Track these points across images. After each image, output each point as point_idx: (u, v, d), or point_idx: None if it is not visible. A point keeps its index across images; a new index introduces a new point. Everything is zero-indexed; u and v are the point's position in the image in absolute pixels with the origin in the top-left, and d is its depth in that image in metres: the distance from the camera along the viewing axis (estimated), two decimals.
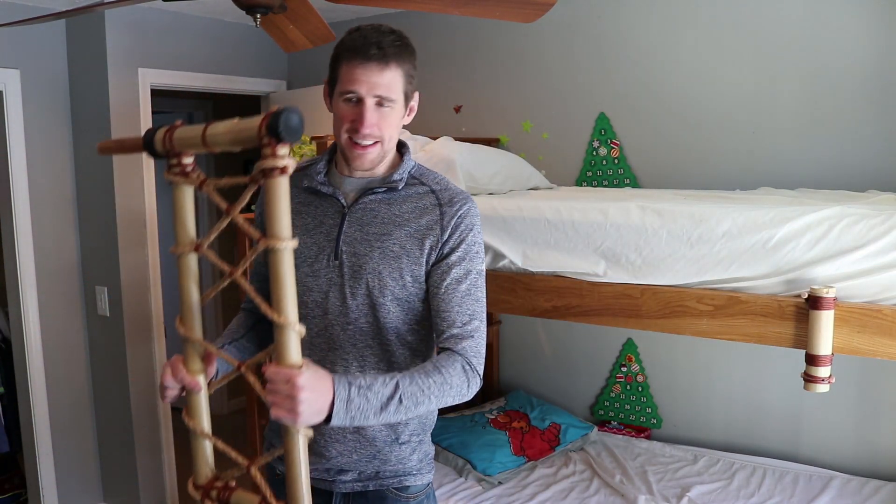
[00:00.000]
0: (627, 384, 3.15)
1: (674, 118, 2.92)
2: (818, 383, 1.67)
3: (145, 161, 3.27)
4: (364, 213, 1.36)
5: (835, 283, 1.69)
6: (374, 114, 1.30)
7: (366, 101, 1.29)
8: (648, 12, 2.93)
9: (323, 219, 1.38)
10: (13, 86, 3.00)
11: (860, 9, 2.54)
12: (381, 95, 1.29)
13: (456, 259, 1.33)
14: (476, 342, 1.30)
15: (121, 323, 3.23)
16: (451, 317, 1.30)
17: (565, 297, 2.03)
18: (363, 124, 1.29)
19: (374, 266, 1.33)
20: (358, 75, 1.27)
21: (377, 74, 1.27)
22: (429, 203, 1.36)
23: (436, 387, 1.20)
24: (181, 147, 0.98)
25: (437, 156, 2.45)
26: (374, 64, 1.27)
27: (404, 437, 1.41)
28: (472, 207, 1.37)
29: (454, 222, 1.34)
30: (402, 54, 1.30)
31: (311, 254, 1.37)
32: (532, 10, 2.04)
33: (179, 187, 1.06)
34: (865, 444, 2.66)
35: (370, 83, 1.28)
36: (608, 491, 2.56)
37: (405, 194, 1.37)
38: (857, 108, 2.57)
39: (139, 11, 3.12)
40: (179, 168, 1.03)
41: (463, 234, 1.34)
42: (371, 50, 1.27)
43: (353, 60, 1.28)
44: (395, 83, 1.30)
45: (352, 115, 1.30)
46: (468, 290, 1.32)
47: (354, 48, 1.28)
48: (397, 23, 3.59)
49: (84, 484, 3.41)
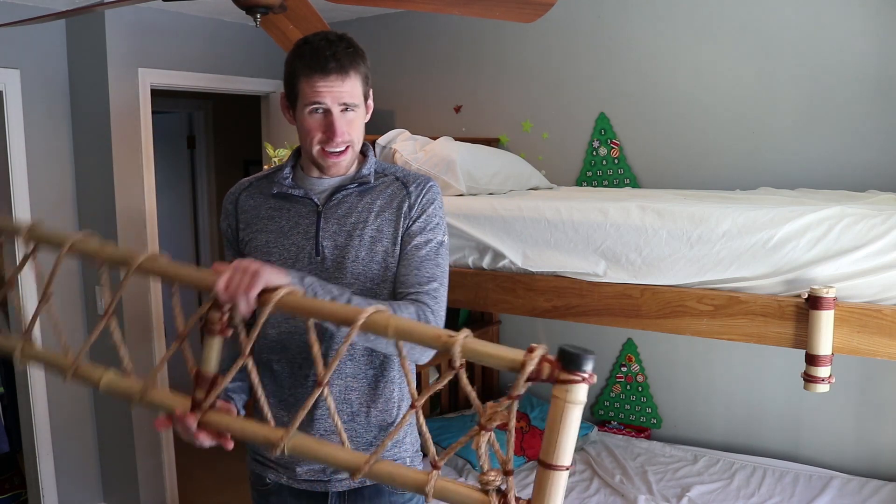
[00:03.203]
0: (627, 384, 3.15)
1: (674, 118, 2.92)
2: (818, 383, 1.67)
3: (145, 161, 3.27)
4: (340, 208, 1.41)
5: (835, 283, 1.69)
6: (342, 121, 1.35)
7: (333, 111, 1.33)
8: (649, 12, 2.93)
9: (298, 220, 1.42)
10: (13, 86, 3.00)
11: (860, 9, 2.54)
12: (346, 103, 1.34)
13: (417, 229, 1.39)
14: (433, 300, 1.33)
15: (121, 322, 3.23)
16: (410, 279, 1.35)
17: (565, 297, 2.03)
18: (336, 133, 1.34)
19: (356, 253, 1.37)
20: (321, 88, 1.32)
21: (339, 84, 1.32)
22: (396, 188, 1.43)
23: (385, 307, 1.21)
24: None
25: (437, 156, 2.45)
26: (334, 76, 1.32)
27: (398, 421, 1.41)
28: (434, 186, 1.45)
29: (420, 200, 1.40)
30: (356, 60, 1.35)
31: (291, 255, 1.40)
32: (532, 10, 2.04)
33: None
34: (865, 444, 2.66)
35: (333, 94, 1.32)
36: (608, 491, 2.57)
37: (374, 185, 1.43)
38: (856, 108, 2.57)
39: (139, 11, 3.11)
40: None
41: (424, 207, 1.40)
42: (329, 63, 1.31)
43: (313, 76, 1.32)
44: (356, 89, 1.35)
45: (321, 126, 1.35)
46: (427, 254, 1.38)
47: (311, 65, 1.32)
48: (397, 24, 3.61)
49: (84, 484, 3.41)
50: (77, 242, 1.12)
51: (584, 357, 0.77)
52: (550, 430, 0.80)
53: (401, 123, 3.50)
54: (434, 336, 0.88)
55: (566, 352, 0.78)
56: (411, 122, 3.48)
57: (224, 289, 1.03)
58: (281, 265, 1.37)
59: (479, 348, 0.85)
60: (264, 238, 1.43)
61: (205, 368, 1.06)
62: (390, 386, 1.42)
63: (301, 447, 0.97)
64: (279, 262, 1.39)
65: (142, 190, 3.26)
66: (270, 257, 1.40)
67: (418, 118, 3.55)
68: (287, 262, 1.39)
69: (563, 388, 0.79)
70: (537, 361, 0.80)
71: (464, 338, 0.85)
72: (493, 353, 0.84)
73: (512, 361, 0.81)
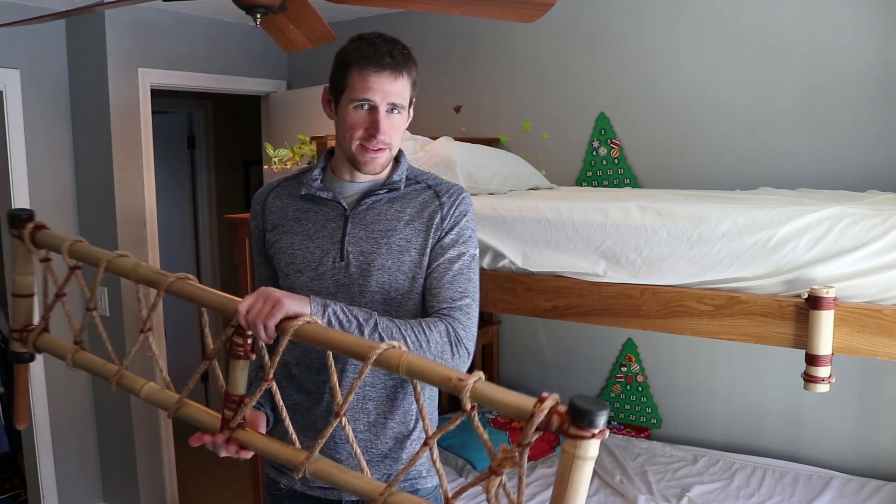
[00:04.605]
0: (627, 384, 3.15)
1: (674, 118, 2.92)
2: (818, 383, 1.67)
3: (145, 161, 3.28)
4: (368, 214, 1.38)
5: (835, 283, 1.69)
6: (386, 121, 1.33)
7: (380, 109, 1.32)
8: (648, 12, 2.93)
9: (325, 223, 1.40)
10: (13, 86, 3.00)
11: (860, 9, 2.54)
12: (395, 103, 1.33)
13: (449, 241, 1.36)
14: (466, 316, 1.32)
15: (121, 323, 3.23)
16: (443, 293, 1.33)
17: (565, 297, 2.03)
18: (379, 131, 1.32)
19: (382, 262, 1.35)
20: (372, 83, 1.30)
21: (391, 83, 1.31)
22: (427, 197, 1.40)
23: (412, 332, 1.23)
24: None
25: (437, 156, 2.45)
26: (388, 72, 1.30)
27: (415, 435, 1.40)
28: (467, 197, 1.42)
29: (453, 211, 1.38)
30: (409, 63, 1.34)
31: (315, 258, 1.38)
32: (532, 10, 2.04)
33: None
34: (865, 444, 2.66)
35: (384, 91, 1.31)
36: (608, 491, 2.56)
37: (405, 193, 1.41)
38: (857, 108, 2.57)
39: (139, 11, 3.12)
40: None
41: (457, 219, 1.38)
42: (385, 59, 1.30)
43: (367, 69, 1.30)
44: (405, 91, 1.34)
45: (365, 122, 1.33)
46: (460, 269, 1.35)
47: (367, 57, 1.30)
48: (397, 23, 3.61)
49: (84, 484, 3.41)
50: (112, 261, 1.20)
51: (596, 413, 0.74)
52: (560, 484, 0.76)
53: None
54: (444, 378, 0.88)
55: (577, 406, 0.75)
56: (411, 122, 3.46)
57: (245, 315, 1.06)
58: (305, 268, 1.38)
59: (490, 394, 0.84)
60: (290, 240, 1.41)
61: (232, 390, 1.12)
62: (409, 398, 1.39)
63: (321, 472, 1.01)
64: (303, 264, 1.38)
65: (142, 190, 3.26)
66: (295, 259, 1.39)
67: (418, 118, 3.53)
68: (311, 265, 1.38)
69: (573, 442, 0.75)
70: (546, 413, 0.78)
71: (474, 382, 0.84)
72: (502, 400, 0.83)
73: (521, 410, 0.80)
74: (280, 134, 3.66)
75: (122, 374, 1.23)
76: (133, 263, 1.19)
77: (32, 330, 1.36)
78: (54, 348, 1.34)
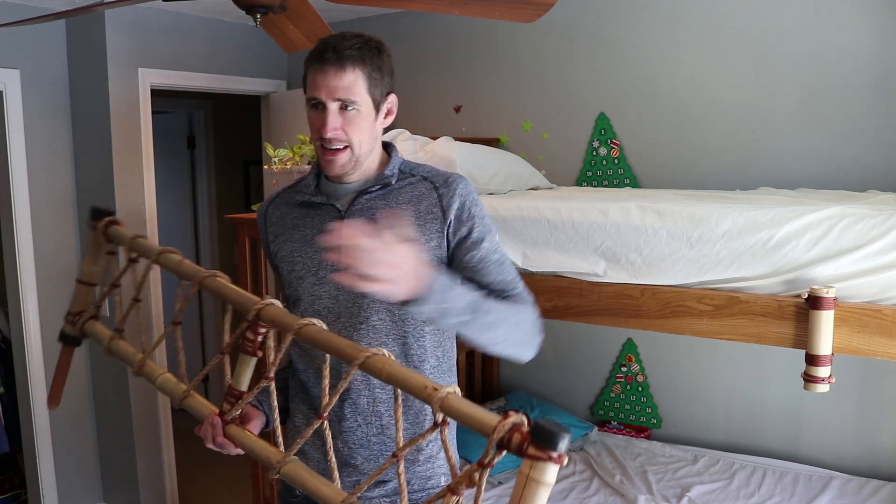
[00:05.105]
0: (627, 384, 3.15)
1: (674, 118, 2.92)
2: (818, 383, 1.67)
3: (145, 161, 3.28)
4: (363, 212, 1.37)
5: (835, 283, 1.69)
6: (336, 118, 1.30)
7: (328, 106, 1.30)
8: (648, 12, 2.93)
9: (322, 227, 1.39)
10: (13, 86, 3.00)
11: (860, 9, 2.54)
12: (342, 98, 1.29)
13: (478, 236, 1.34)
14: (529, 294, 1.36)
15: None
16: (498, 285, 1.34)
17: (565, 297, 2.03)
18: (326, 128, 1.30)
19: None
20: (318, 81, 1.30)
21: (334, 78, 1.29)
22: (424, 189, 1.38)
23: (509, 311, 1.27)
24: None
25: (437, 156, 2.45)
26: (329, 68, 1.28)
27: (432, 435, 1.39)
28: (468, 183, 1.40)
29: (457, 203, 1.35)
30: (361, 56, 1.30)
31: (314, 263, 1.38)
32: (532, 10, 2.04)
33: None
34: (865, 444, 2.66)
35: (328, 87, 1.29)
36: (608, 491, 2.57)
37: (400, 187, 1.39)
38: (856, 108, 2.57)
39: (139, 11, 3.12)
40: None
41: (472, 210, 1.36)
42: (326, 54, 1.29)
43: (313, 67, 1.31)
44: (356, 85, 1.30)
45: (318, 121, 1.32)
46: (500, 259, 1.36)
47: (313, 55, 1.31)
48: (397, 23, 3.61)
49: (84, 484, 3.41)
50: (161, 256, 1.31)
51: (558, 436, 0.72)
52: None
53: (401, 123, 3.50)
54: (420, 386, 0.89)
55: (540, 427, 0.73)
56: (411, 122, 3.48)
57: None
58: (305, 274, 1.38)
59: (457, 406, 0.84)
60: (290, 247, 1.41)
61: (235, 384, 1.18)
62: None
63: (292, 474, 1.04)
64: (303, 270, 1.38)
65: (142, 190, 3.27)
66: (295, 266, 1.39)
67: (418, 118, 3.55)
68: (311, 270, 1.37)
69: (530, 463, 0.73)
70: (508, 429, 0.77)
71: (445, 395, 0.85)
72: (469, 413, 0.83)
73: (484, 425, 0.79)
74: (280, 134, 3.66)
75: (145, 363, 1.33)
76: (178, 259, 1.31)
77: (83, 315, 1.49)
78: (97, 335, 1.46)
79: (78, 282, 1.53)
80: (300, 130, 3.15)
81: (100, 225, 1.45)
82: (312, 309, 1.35)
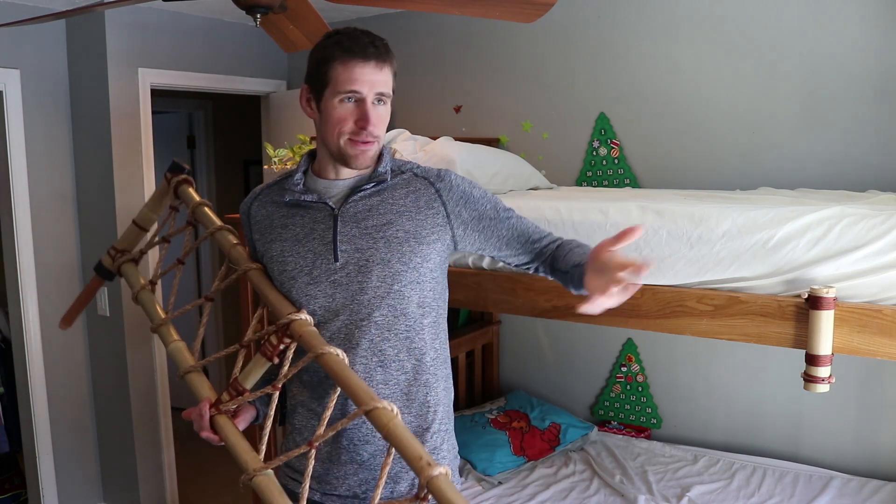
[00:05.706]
0: (627, 384, 3.15)
1: (673, 118, 2.92)
2: (818, 383, 1.67)
3: (145, 161, 3.28)
4: (357, 210, 1.37)
5: (835, 283, 1.69)
6: (374, 112, 1.32)
7: (367, 100, 1.31)
8: (648, 12, 2.93)
9: (313, 226, 1.38)
10: (13, 86, 3.00)
11: (860, 9, 2.54)
12: (382, 93, 1.32)
13: (491, 209, 1.44)
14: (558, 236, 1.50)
15: (121, 323, 3.23)
16: (536, 234, 1.48)
17: (565, 297, 2.03)
18: (370, 122, 1.31)
19: (382, 256, 1.34)
20: (358, 75, 1.29)
21: (376, 73, 1.30)
22: (420, 185, 1.40)
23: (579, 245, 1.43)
24: None
25: (437, 156, 2.45)
26: (373, 62, 1.30)
27: (434, 427, 1.39)
28: (453, 174, 1.45)
29: (457, 193, 1.41)
30: (390, 53, 1.35)
31: (307, 262, 1.36)
32: (532, 10, 2.04)
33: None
34: (865, 444, 2.66)
35: (371, 81, 1.30)
36: (608, 491, 2.57)
37: (393, 184, 1.40)
38: (856, 108, 2.57)
39: (139, 11, 3.12)
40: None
41: (473, 193, 1.43)
42: (369, 49, 1.30)
43: (351, 61, 1.30)
44: (390, 81, 1.34)
45: (354, 115, 1.32)
46: (519, 219, 1.48)
47: (351, 49, 1.30)
48: (397, 23, 3.61)
49: (84, 484, 3.41)
50: (219, 232, 1.40)
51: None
52: None
53: (401, 123, 3.50)
54: (416, 455, 0.98)
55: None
56: (411, 122, 3.48)
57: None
58: (298, 273, 1.36)
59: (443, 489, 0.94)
60: (279, 247, 1.40)
61: (241, 380, 1.21)
62: (423, 389, 1.37)
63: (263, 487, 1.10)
64: (295, 270, 1.36)
65: (142, 190, 3.26)
66: (286, 266, 1.38)
67: (418, 118, 3.55)
68: (304, 269, 1.36)
69: None
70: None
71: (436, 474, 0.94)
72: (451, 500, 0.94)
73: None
74: (280, 134, 3.66)
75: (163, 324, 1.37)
76: (233, 242, 1.35)
77: (125, 255, 1.54)
78: (131, 277, 1.50)
79: (133, 223, 1.58)
80: (300, 130, 3.15)
81: (173, 179, 1.49)
82: (307, 309, 1.34)
